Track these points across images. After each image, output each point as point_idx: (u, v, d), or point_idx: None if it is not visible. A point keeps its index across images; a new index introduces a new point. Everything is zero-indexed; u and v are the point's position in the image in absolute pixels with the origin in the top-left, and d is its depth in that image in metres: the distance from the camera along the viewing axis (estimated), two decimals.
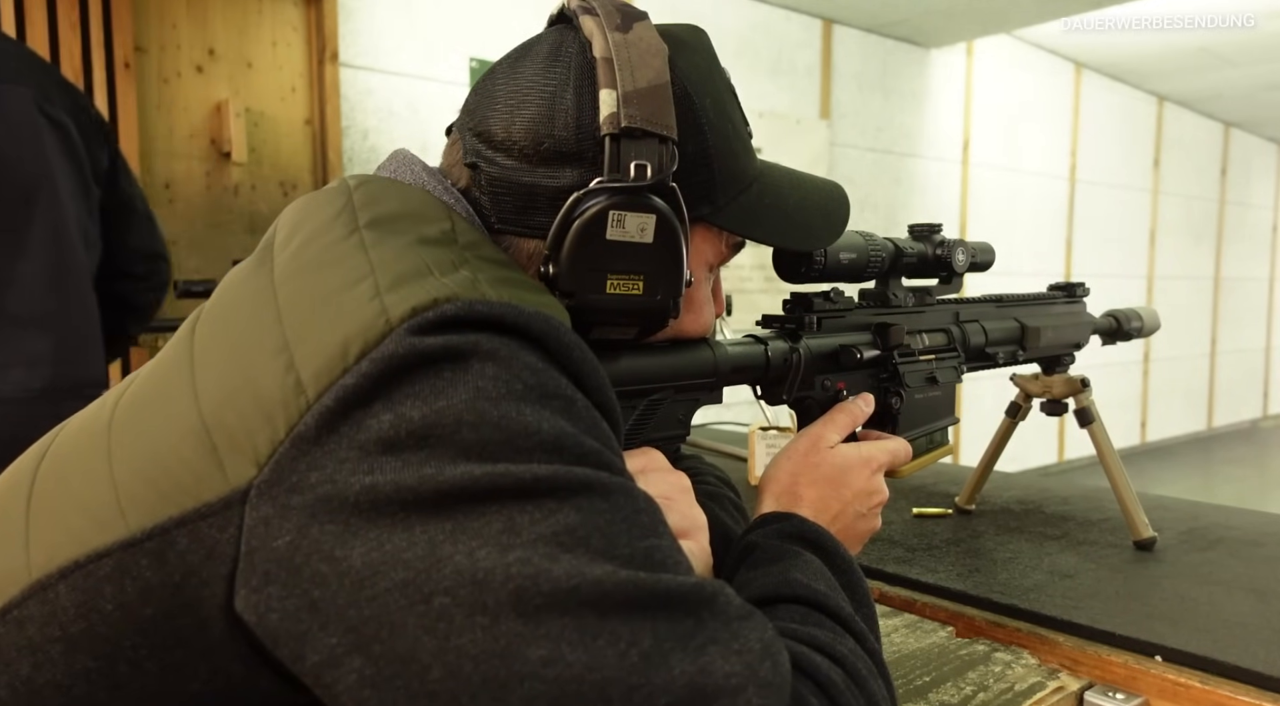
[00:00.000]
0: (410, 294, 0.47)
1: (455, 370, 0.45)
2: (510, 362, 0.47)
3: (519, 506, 0.43)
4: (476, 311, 0.47)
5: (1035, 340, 1.04)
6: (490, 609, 0.41)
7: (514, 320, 0.48)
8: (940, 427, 0.89)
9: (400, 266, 0.50)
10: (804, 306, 0.80)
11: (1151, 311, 1.23)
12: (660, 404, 0.68)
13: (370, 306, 0.47)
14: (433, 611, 0.41)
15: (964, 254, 0.90)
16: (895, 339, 0.83)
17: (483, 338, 0.47)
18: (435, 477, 0.43)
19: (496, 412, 0.45)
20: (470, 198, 0.62)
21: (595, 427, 0.49)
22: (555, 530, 0.43)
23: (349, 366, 0.45)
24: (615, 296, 0.60)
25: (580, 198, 0.58)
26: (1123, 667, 0.79)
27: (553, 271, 0.59)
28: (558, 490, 0.45)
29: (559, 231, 0.58)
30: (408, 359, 0.45)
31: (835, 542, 0.65)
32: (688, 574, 0.47)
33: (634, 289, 0.61)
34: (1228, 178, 8.38)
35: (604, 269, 0.59)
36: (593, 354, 0.52)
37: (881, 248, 0.83)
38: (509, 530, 0.43)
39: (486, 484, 0.43)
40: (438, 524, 0.42)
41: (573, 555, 0.43)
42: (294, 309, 0.49)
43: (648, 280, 0.61)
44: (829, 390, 0.80)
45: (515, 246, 0.61)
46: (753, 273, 4.64)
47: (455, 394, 0.45)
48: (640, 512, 0.48)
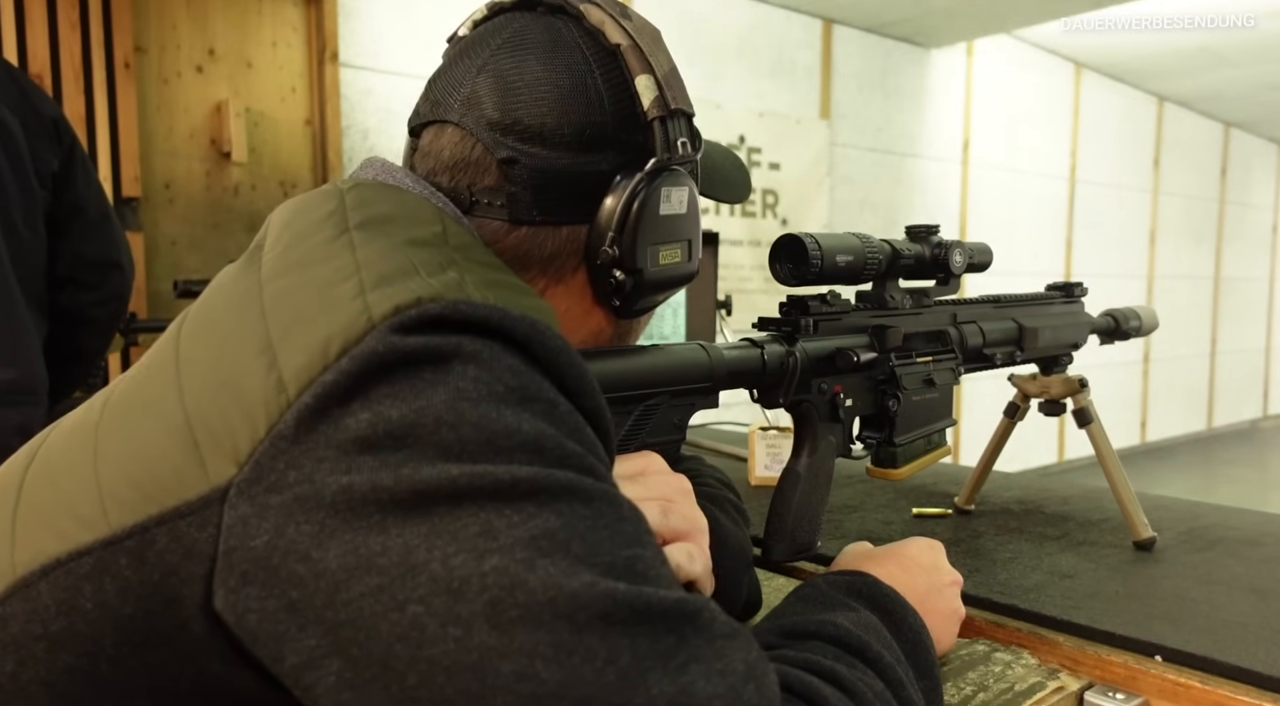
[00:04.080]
0: (395, 293, 0.47)
1: (436, 371, 0.45)
2: (492, 365, 0.46)
3: (496, 509, 0.42)
4: (460, 312, 0.47)
5: (1033, 341, 1.03)
6: (464, 620, 0.40)
7: (498, 322, 0.48)
8: (938, 429, 0.89)
9: (386, 266, 0.50)
10: (800, 309, 0.80)
11: (1150, 310, 1.22)
12: (656, 409, 0.67)
13: (353, 304, 0.47)
14: (406, 619, 0.40)
15: (961, 255, 0.89)
16: (892, 341, 0.83)
17: (465, 339, 0.46)
18: (411, 477, 0.42)
19: (476, 413, 0.44)
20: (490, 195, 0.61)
21: (578, 432, 0.49)
22: (534, 534, 0.42)
23: (329, 364, 0.44)
24: (666, 266, 0.65)
25: (638, 180, 0.62)
26: (1123, 667, 0.79)
27: (617, 252, 0.62)
28: (538, 493, 0.44)
29: (622, 214, 0.61)
30: (387, 358, 0.44)
31: (904, 606, 0.64)
32: (671, 587, 0.45)
33: (676, 257, 0.65)
34: (1228, 178, 8.38)
35: (659, 242, 0.63)
36: (580, 358, 0.52)
37: (878, 249, 0.82)
38: (486, 534, 0.42)
39: (464, 484, 0.42)
40: (413, 526, 0.42)
41: (550, 561, 0.42)
42: (278, 307, 0.49)
43: (684, 248, 0.66)
44: (825, 393, 0.80)
45: (550, 236, 0.62)
46: (753, 273, 4.64)
47: (435, 394, 0.44)
48: (624, 520, 0.46)
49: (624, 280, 0.62)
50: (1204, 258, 8.27)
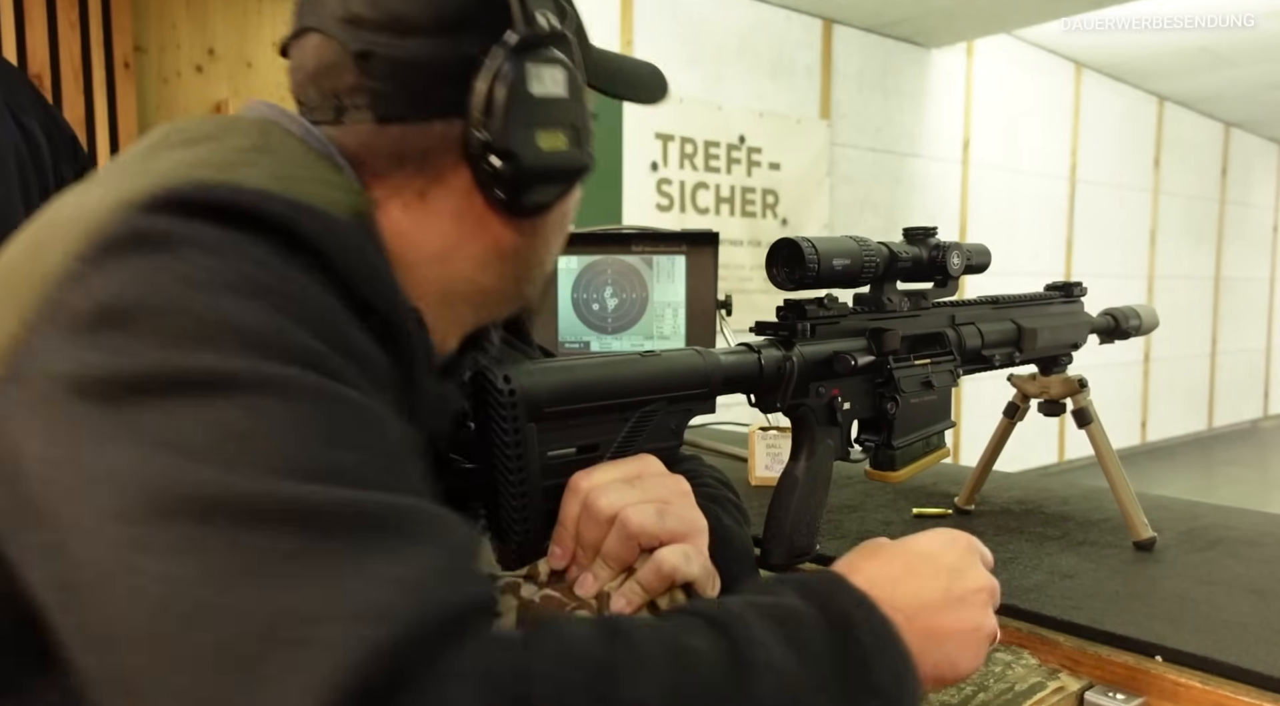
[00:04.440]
0: (154, 182, 0.46)
1: (169, 255, 0.43)
2: (230, 251, 0.45)
3: (182, 402, 0.41)
4: (213, 196, 0.45)
5: (1032, 342, 1.03)
6: (118, 514, 0.39)
7: (253, 206, 0.46)
8: (936, 431, 0.88)
9: (167, 165, 0.49)
10: (797, 313, 0.79)
11: (1150, 309, 1.22)
12: (653, 416, 0.67)
13: (115, 195, 0.46)
14: (90, 512, 0.39)
15: (959, 257, 0.89)
16: (890, 345, 0.83)
17: (206, 225, 0.45)
18: (116, 365, 0.41)
19: (199, 301, 0.43)
20: (353, 97, 0.58)
21: (328, 329, 0.46)
22: (209, 430, 0.40)
23: (74, 250, 0.44)
24: (548, 152, 0.60)
25: (500, 57, 0.57)
26: (1123, 668, 0.79)
27: (488, 137, 0.57)
28: (233, 387, 0.42)
29: (488, 95, 0.57)
30: (123, 237, 0.44)
31: (868, 613, 0.51)
32: (383, 492, 0.42)
33: (560, 144, 0.60)
34: (1228, 178, 8.38)
35: (533, 125, 0.58)
36: (375, 255, 0.49)
37: (875, 252, 0.82)
38: (165, 427, 0.40)
39: (160, 375, 0.41)
40: (104, 416, 0.41)
41: (224, 459, 0.40)
42: (59, 214, 0.49)
43: (570, 135, 0.61)
44: (823, 397, 0.80)
45: (422, 133, 0.59)
46: (753, 272, 4.64)
47: (160, 279, 0.43)
48: (343, 422, 0.44)
49: (501, 167, 0.58)
50: (1204, 257, 8.26)
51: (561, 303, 1.47)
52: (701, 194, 4.43)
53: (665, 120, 4.24)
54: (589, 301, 1.48)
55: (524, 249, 0.65)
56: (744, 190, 4.58)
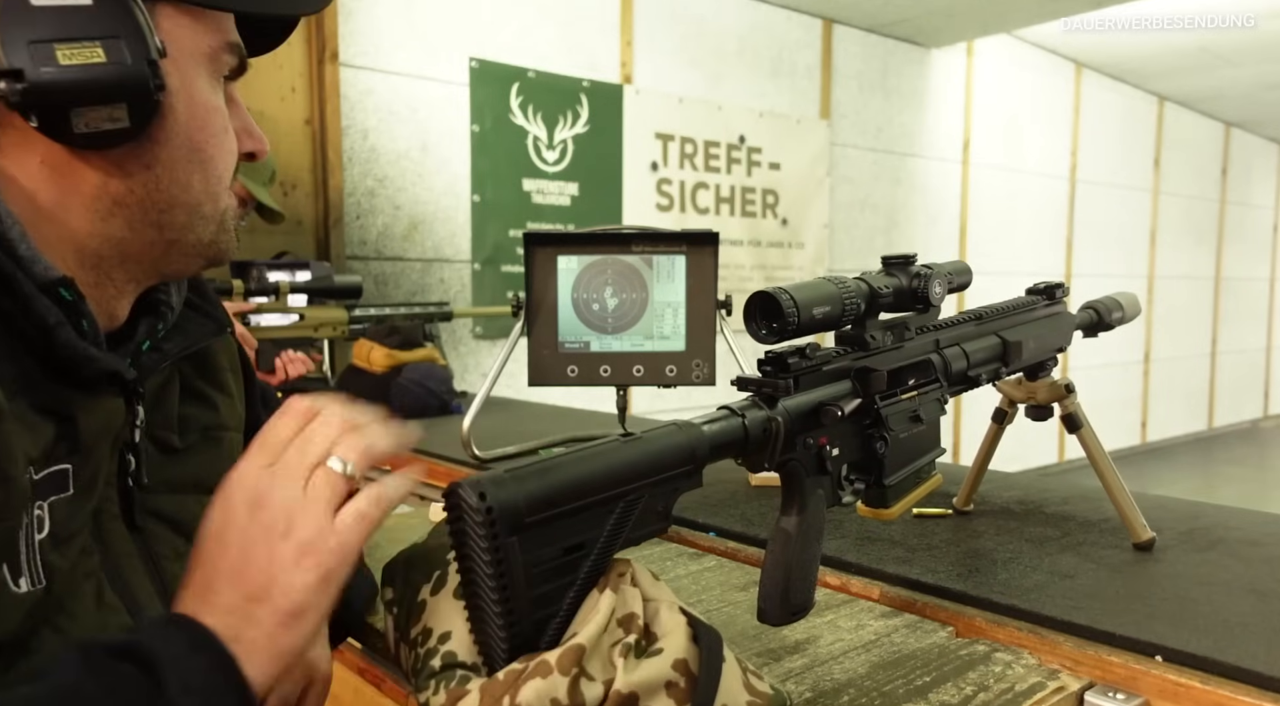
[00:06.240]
0: None
1: None
2: None
3: None
4: None
5: (1018, 355, 1.01)
6: None
7: None
8: (927, 462, 0.87)
9: None
10: (779, 367, 0.76)
11: (1130, 296, 1.20)
12: (638, 503, 0.64)
13: None
14: None
15: (941, 285, 0.86)
16: (876, 386, 0.80)
17: None
18: None
19: None
20: None
21: None
22: None
23: None
24: (77, 67, 0.53)
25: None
26: (1123, 668, 0.79)
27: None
28: None
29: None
30: None
31: (186, 652, 0.48)
32: None
33: (95, 57, 0.54)
34: (1228, 178, 8.38)
35: (47, 39, 0.53)
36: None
37: (855, 292, 0.79)
38: None
39: None
40: None
41: None
42: None
43: (106, 45, 0.54)
44: (811, 447, 0.77)
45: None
46: (753, 272, 4.64)
47: None
48: None
49: (10, 89, 0.52)
50: (1204, 258, 8.27)
51: (561, 302, 1.47)
52: (701, 194, 4.44)
53: (665, 120, 4.24)
54: (589, 301, 1.48)
55: (140, 189, 0.59)
56: (744, 190, 4.58)
